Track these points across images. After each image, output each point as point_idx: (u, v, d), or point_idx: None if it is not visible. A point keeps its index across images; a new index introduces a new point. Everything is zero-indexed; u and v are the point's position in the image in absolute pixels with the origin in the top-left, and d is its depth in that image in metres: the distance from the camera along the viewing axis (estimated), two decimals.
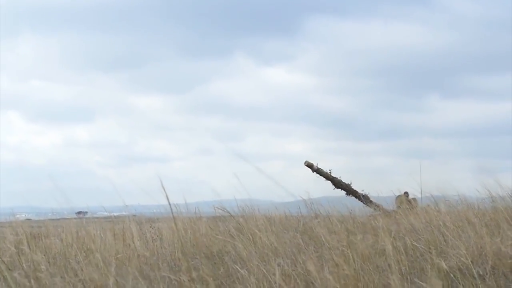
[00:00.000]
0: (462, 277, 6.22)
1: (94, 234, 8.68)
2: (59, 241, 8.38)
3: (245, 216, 10.98)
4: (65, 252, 7.82)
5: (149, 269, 6.31)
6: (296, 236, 8.44)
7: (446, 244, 7.53)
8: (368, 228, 9.12)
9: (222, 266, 7.13)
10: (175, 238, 8.61)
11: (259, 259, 6.67)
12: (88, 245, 8.09)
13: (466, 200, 11.31)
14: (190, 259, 7.22)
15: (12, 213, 11.51)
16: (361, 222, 10.21)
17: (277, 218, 11.18)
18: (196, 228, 9.67)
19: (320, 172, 22.29)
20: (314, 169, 22.19)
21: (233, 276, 6.58)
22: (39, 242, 8.57)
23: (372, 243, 7.27)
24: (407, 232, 8.27)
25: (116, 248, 7.88)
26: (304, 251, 7.18)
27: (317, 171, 22.24)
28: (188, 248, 8.27)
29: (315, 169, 22.23)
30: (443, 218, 8.82)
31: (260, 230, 8.34)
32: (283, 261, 6.59)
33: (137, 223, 10.39)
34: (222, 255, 7.71)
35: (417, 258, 7.20)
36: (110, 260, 6.95)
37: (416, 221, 9.26)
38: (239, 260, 7.25)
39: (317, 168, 22.35)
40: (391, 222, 9.48)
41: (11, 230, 8.94)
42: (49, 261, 7.03)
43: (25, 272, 6.10)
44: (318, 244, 7.47)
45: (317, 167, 22.41)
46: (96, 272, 6.15)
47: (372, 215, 12.19)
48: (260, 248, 7.50)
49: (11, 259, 7.27)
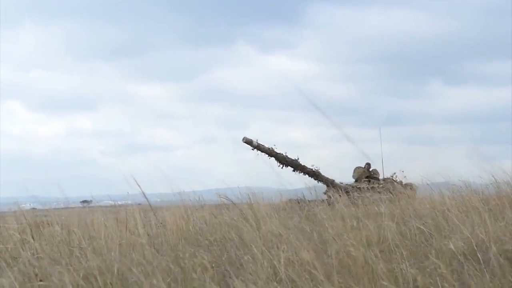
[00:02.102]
0: (466, 261, 6.21)
1: (98, 222, 8.67)
2: (63, 229, 8.37)
3: (249, 203, 10.98)
4: (68, 240, 7.81)
5: (152, 256, 6.30)
6: (300, 222, 8.43)
7: (450, 229, 7.52)
8: (372, 213, 9.11)
9: (226, 253, 7.12)
10: (179, 225, 8.61)
11: (263, 246, 6.66)
12: (91, 233, 8.09)
13: (469, 185, 11.29)
14: (194, 246, 7.22)
15: (17, 203, 11.50)
16: (364, 208, 10.20)
17: (281, 205, 11.17)
18: (199, 215, 9.68)
19: (261, 149, 21.32)
20: (254, 146, 21.11)
21: (237, 263, 6.58)
22: (43, 231, 8.57)
23: (376, 228, 7.26)
24: (411, 218, 8.26)
25: (120, 235, 7.88)
26: (308, 237, 7.17)
27: (258, 148, 21.23)
28: (192, 235, 8.27)
29: (255, 145, 21.14)
30: (447, 204, 8.81)
31: (264, 217, 8.33)
32: (287, 247, 6.58)
33: (141, 211, 10.38)
34: (226, 242, 7.71)
35: (421, 243, 7.19)
36: (113, 247, 6.95)
37: (420, 206, 9.25)
38: (243, 247, 7.24)
39: (258, 145, 21.29)
40: (395, 208, 9.45)
41: (14, 219, 8.95)
42: (52, 249, 7.03)
43: (29, 260, 6.11)
44: (322, 230, 7.45)
45: (258, 143, 21.32)
46: (100, 259, 6.15)
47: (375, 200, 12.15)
48: (264, 234, 7.49)
49: (15, 247, 7.29)
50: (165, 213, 9.99)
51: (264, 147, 21.24)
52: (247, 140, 21.10)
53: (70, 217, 9.74)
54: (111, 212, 10.40)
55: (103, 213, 10.09)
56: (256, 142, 21.20)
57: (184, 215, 9.22)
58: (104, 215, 9.55)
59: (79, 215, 9.81)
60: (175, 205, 10.67)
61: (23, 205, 12.62)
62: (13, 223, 8.73)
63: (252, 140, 21.15)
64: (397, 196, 21.29)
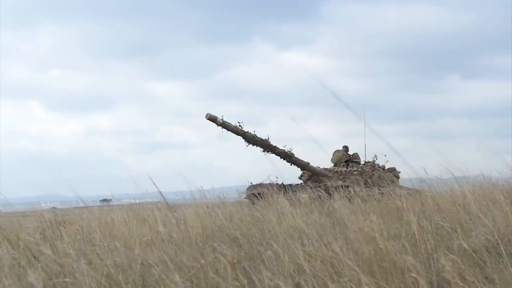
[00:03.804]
0: (488, 255, 6.17)
1: (118, 220, 8.69)
2: (84, 228, 8.40)
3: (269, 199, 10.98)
4: (90, 238, 7.84)
5: (173, 253, 6.30)
6: (321, 217, 8.41)
7: (472, 223, 7.47)
8: (392, 208, 9.08)
9: (247, 248, 7.11)
10: (199, 222, 8.61)
11: (284, 241, 6.65)
12: (112, 231, 8.11)
13: (490, 179, 11.23)
14: (215, 242, 7.21)
15: (38, 202, 11.56)
16: (385, 203, 10.17)
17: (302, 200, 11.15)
18: (220, 212, 9.68)
19: (226, 126, 19.95)
20: (219, 123, 19.76)
21: (258, 259, 6.56)
22: (64, 229, 8.60)
23: (397, 223, 7.23)
24: (432, 212, 8.22)
25: (140, 233, 7.89)
26: (329, 232, 7.15)
27: (223, 125, 19.87)
28: (213, 232, 8.27)
29: (220, 123, 19.78)
30: (468, 198, 8.75)
31: (284, 213, 8.32)
32: (309, 242, 6.56)
33: (161, 209, 10.39)
34: (247, 238, 7.70)
35: (443, 238, 7.15)
36: (134, 245, 6.96)
37: (441, 200, 9.20)
38: (264, 242, 7.24)
39: (223, 122, 19.89)
40: (416, 202, 9.40)
41: (35, 218, 8.98)
42: (74, 247, 7.04)
43: (51, 258, 6.12)
44: (342, 225, 7.43)
45: (223, 120, 19.89)
46: (121, 256, 6.16)
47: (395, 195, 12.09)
48: (285, 230, 7.47)
49: (36, 246, 7.31)
50: (185, 210, 10.00)
51: (230, 125, 20.01)
52: (211, 116, 19.70)
53: (90, 215, 9.77)
54: (131, 210, 10.42)
55: (123, 211, 10.11)
56: (221, 119, 19.86)
57: (205, 212, 9.21)
58: (124, 213, 9.57)
59: (99, 214, 9.83)
60: (195, 202, 10.68)
61: (43, 204, 12.68)
62: (34, 222, 8.77)
63: (216, 116, 19.77)
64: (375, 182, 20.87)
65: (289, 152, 21.28)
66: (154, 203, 11.98)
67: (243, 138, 20.30)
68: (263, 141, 20.59)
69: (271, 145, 20.80)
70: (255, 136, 20.42)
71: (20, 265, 6.68)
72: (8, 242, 7.35)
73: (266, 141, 20.65)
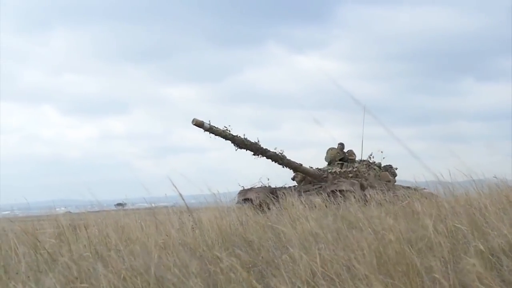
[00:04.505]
0: (505, 258, 6.14)
1: (134, 224, 8.71)
2: (100, 231, 8.42)
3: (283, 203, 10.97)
4: (105, 242, 7.85)
5: (189, 258, 6.30)
6: (336, 221, 8.40)
7: (488, 226, 7.44)
8: (408, 211, 9.06)
9: (262, 252, 7.11)
10: (214, 226, 8.61)
11: (300, 245, 6.64)
12: (128, 235, 8.13)
13: (505, 182, 11.18)
14: (230, 246, 7.22)
15: (52, 206, 11.59)
16: (401, 206, 10.14)
17: (316, 204, 11.14)
18: (235, 216, 9.68)
19: (214, 131, 19.31)
20: (206, 128, 19.07)
21: (274, 263, 6.56)
22: (80, 233, 8.62)
23: (413, 226, 7.21)
24: (448, 215, 8.19)
25: (156, 237, 7.90)
26: (344, 236, 7.14)
27: (211, 130, 19.22)
28: (228, 236, 8.27)
29: (207, 127, 19.09)
30: (484, 200, 8.72)
31: (299, 217, 8.32)
32: (325, 246, 6.56)
33: (176, 212, 10.41)
34: (263, 242, 7.69)
35: (459, 241, 7.13)
36: (150, 249, 6.97)
37: (456, 203, 9.17)
38: (280, 246, 7.24)
39: (210, 127, 19.19)
40: (431, 205, 9.37)
41: (50, 222, 9.01)
42: (90, 251, 7.06)
43: (67, 262, 6.14)
44: (358, 229, 7.42)
45: (210, 125, 19.17)
46: (138, 260, 6.17)
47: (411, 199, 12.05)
48: (301, 234, 7.47)
49: (52, 250, 7.34)
50: (201, 214, 10.00)
51: (218, 130, 19.33)
52: (197, 122, 18.93)
53: (106, 220, 9.79)
54: (146, 214, 10.44)
55: (138, 215, 10.14)
56: (208, 124, 19.12)
57: (220, 216, 9.22)
58: (139, 217, 9.59)
59: (115, 218, 9.85)
60: (210, 206, 10.69)
61: (58, 208, 12.71)
62: (50, 227, 8.80)
63: (203, 122, 19.00)
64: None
65: (280, 155, 20.83)
66: (169, 207, 12.00)
67: (232, 143, 19.75)
68: (253, 144, 20.08)
69: (262, 148, 20.34)
70: (244, 139, 19.89)
71: (38, 269, 6.71)
72: (26, 246, 7.38)
73: (256, 144, 20.16)
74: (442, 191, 10.61)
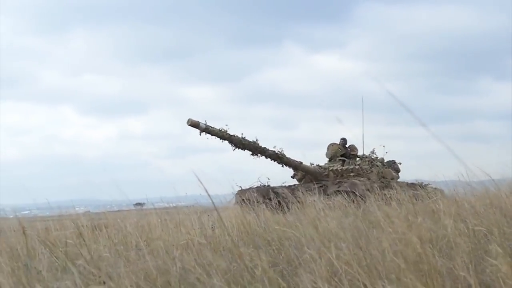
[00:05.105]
0: None
1: (154, 223, 8.72)
2: (120, 231, 8.44)
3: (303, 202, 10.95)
4: (126, 241, 7.87)
5: (210, 257, 6.30)
6: (356, 220, 8.37)
7: (509, 226, 7.40)
8: (428, 211, 9.02)
9: (283, 252, 7.09)
10: (234, 226, 8.61)
11: (321, 245, 6.62)
12: (149, 234, 8.14)
13: None
14: (251, 246, 7.21)
15: (72, 206, 11.63)
16: (420, 205, 10.11)
17: (336, 203, 11.12)
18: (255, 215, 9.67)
19: (211, 132, 18.83)
20: (202, 129, 18.60)
21: (295, 262, 6.55)
22: (100, 233, 8.65)
23: (433, 226, 7.18)
24: (468, 214, 8.15)
25: (177, 236, 7.91)
26: (365, 235, 7.12)
27: (207, 131, 18.74)
28: (248, 235, 8.26)
29: (203, 128, 18.61)
30: (505, 199, 8.68)
31: (320, 216, 8.30)
32: (345, 246, 6.54)
33: (196, 212, 10.41)
34: (283, 242, 7.68)
35: (480, 240, 7.09)
36: (171, 248, 6.97)
37: (477, 203, 9.12)
38: (300, 246, 7.22)
39: (206, 127, 18.70)
40: (451, 204, 9.33)
41: (70, 222, 9.04)
42: (110, 250, 7.08)
43: (87, 262, 6.15)
44: (378, 229, 7.39)
45: (206, 125, 18.69)
46: (159, 259, 6.18)
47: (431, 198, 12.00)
48: (321, 233, 7.44)
49: (72, 250, 7.36)
50: (221, 213, 10.00)
51: (214, 130, 18.83)
52: (193, 122, 18.46)
53: (125, 219, 9.81)
54: (166, 214, 10.46)
55: (157, 215, 10.15)
56: (204, 124, 18.64)
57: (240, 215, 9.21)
58: (159, 217, 9.60)
59: (135, 217, 9.88)
60: (230, 205, 10.70)
61: (77, 208, 12.76)
62: (69, 226, 8.82)
63: (198, 122, 18.52)
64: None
65: (279, 153, 20.42)
66: (188, 206, 12.02)
67: (229, 143, 19.31)
68: (251, 143, 19.63)
69: (260, 147, 19.87)
70: (242, 139, 19.44)
71: (57, 269, 6.73)
72: (45, 246, 7.40)
73: (254, 143, 19.71)
74: (462, 190, 10.58)
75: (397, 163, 23.32)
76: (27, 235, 7.28)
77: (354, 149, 23.13)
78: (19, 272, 5.92)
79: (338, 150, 22.80)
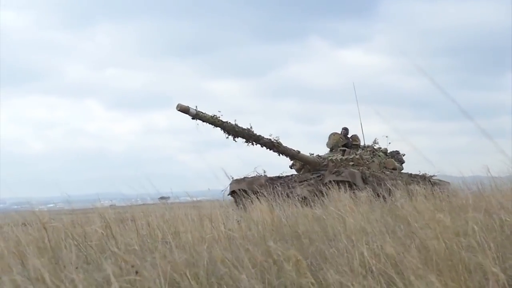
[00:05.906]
0: None
1: (181, 217, 8.74)
2: (148, 224, 8.47)
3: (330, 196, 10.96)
4: (152, 235, 7.90)
5: (237, 250, 6.32)
6: (383, 215, 8.37)
7: None
8: (455, 205, 8.98)
9: (310, 246, 7.09)
10: (260, 219, 8.61)
11: (347, 239, 6.62)
12: (176, 227, 8.16)
13: None
14: (278, 239, 7.22)
15: (98, 199, 11.68)
16: (447, 200, 10.07)
17: (362, 198, 11.09)
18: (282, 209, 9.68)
19: (202, 117, 18.08)
20: (192, 114, 17.86)
21: (322, 256, 6.55)
22: (127, 226, 8.69)
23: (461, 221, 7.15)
24: (497, 210, 8.11)
25: (204, 230, 7.92)
26: (392, 230, 7.12)
27: (198, 116, 17.99)
28: (275, 229, 8.26)
29: (194, 113, 17.87)
30: None
31: (346, 210, 8.29)
32: (372, 240, 6.53)
33: (222, 206, 10.43)
34: (310, 235, 7.68)
35: (508, 236, 7.05)
36: (199, 242, 7.00)
37: (504, 198, 9.08)
38: (327, 240, 7.22)
39: (197, 112, 17.96)
40: (479, 199, 9.29)
41: (97, 215, 9.08)
42: (138, 243, 7.11)
43: (115, 255, 6.18)
44: (405, 223, 7.38)
45: (197, 111, 17.94)
46: (187, 252, 6.20)
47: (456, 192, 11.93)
48: (348, 228, 7.44)
49: (99, 243, 7.40)
50: (248, 207, 10.01)
51: (206, 115, 18.07)
52: (182, 107, 17.72)
53: (151, 213, 9.84)
54: (192, 208, 10.47)
55: (183, 208, 10.17)
56: (194, 110, 17.91)
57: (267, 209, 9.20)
58: (186, 210, 9.62)
59: (161, 211, 9.91)
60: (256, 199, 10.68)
61: (103, 201, 12.81)
62: (96, 220, 8.86)
63: (188, 107, 17.79)
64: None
65: (276, 142, 19.62)
66: (213, 201, 12.04)
67: (222, 129, 18.48)
68: (245, 131, 18.87)
69: (255, 134, 19.13)
70: (235, 126, 18.67)
71: (87, 260, 6.78)
72: (74, 238, 7.45)
73: (248, 130, 18.91)
74: (488, 186, 10.52)
75: (401, 154, 23.04)
76: (50, 228, 7.34)
77: (356, 139, 22.65)
78: (49, 264, 5.96)
79: (339, 140, 22.35)
